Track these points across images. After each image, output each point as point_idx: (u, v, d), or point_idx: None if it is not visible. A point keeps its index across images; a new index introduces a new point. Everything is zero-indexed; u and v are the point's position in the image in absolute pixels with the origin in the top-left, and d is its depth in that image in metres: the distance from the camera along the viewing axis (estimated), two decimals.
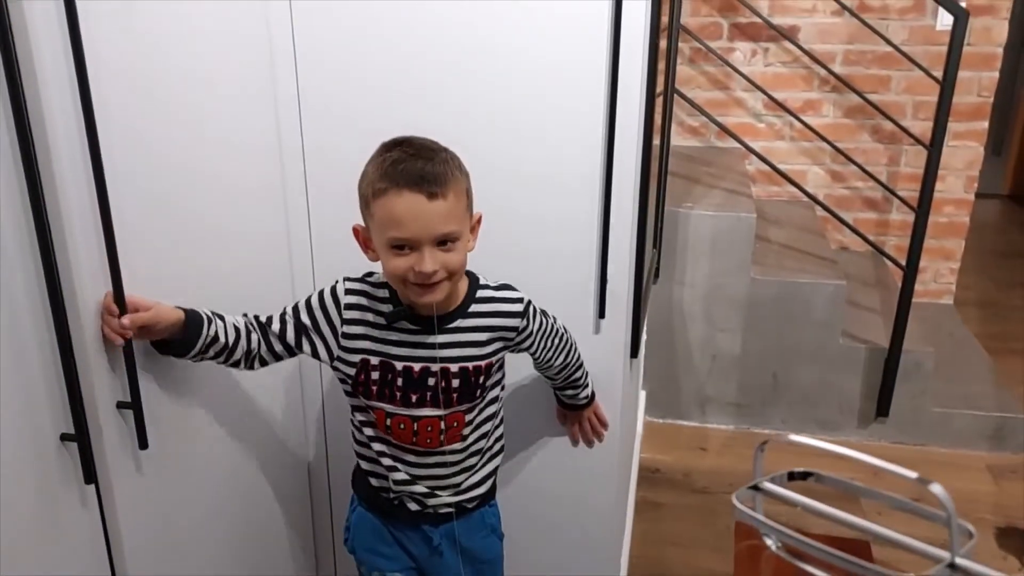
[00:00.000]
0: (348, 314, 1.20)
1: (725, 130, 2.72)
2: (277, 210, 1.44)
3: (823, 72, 3.04)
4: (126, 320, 1.00)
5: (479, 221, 1.19)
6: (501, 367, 1.30)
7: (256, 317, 1.22)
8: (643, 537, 2.22)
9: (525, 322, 1.24)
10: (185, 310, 1.10)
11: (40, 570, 0.97)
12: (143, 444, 1.08)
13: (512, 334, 1.24)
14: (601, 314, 1.45)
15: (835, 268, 2.69)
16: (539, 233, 1.42)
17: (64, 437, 0.98)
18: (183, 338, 1.10)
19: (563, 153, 1.37)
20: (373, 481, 1.32)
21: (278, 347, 1.22)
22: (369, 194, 1.10)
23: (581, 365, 1.42)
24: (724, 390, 2.79)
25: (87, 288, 0.99)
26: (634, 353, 1.65)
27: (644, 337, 1.56)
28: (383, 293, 1.20)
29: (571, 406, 1.48)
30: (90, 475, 1.00)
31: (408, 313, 1.18)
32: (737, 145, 3.11)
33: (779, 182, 3.21)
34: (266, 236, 1.41)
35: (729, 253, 2.62)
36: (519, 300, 1.24)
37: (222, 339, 1.14)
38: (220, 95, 1.24)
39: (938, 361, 2.66)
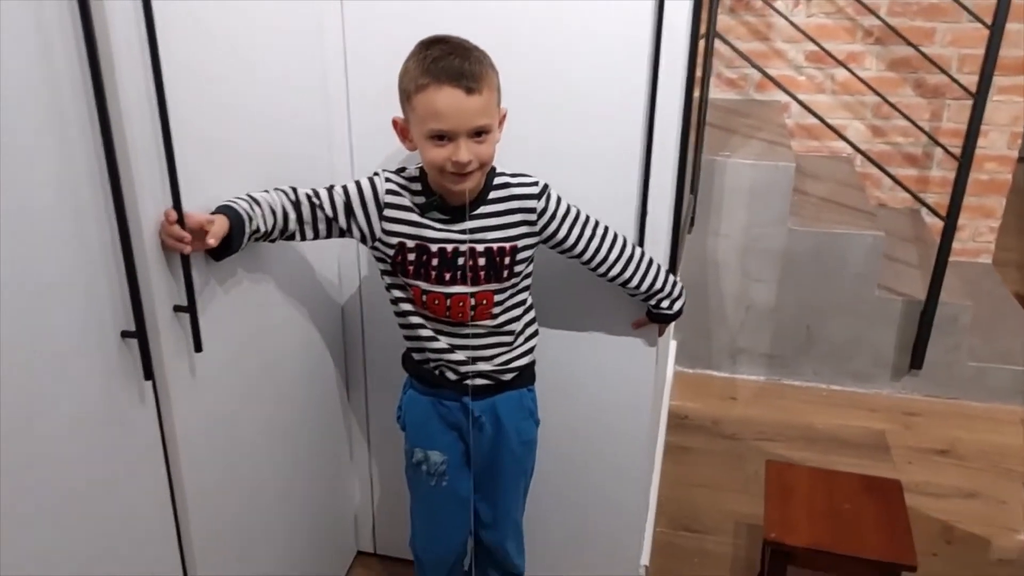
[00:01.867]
0: (388, 199, 1.30)
1: (769, 78, 2.69)
2: (318, 105, 1.47)
3: (866, 24, 2.99)
4: (193, 223, 1.07)
5: (504, 116, 1.28)
6: (528, 261, 1.37)
7: (307, 196, 1.30)
8: (673, 479, 2.25)
9: (544, 204, 1.32)
10: (228, 215, 1.15)
11: (100, 457, 1.02)
12: (198, 347, 1.12)
13: (532, 215, 1.32)
14: None
15: (873, 221, 2.67)
16: (583, 175, 1.43)
17: (124, 334, 1.03)
18: (231, 242, 1.16)
19: (607, 94, 1.38)
20: (416, 356, 1.43)
21: (322, 227, 1.32)
22: (412, 89, 1.19)
23: (656, 272, 1.43)
24: (757, 341, 2.79)
25: (147, 194, 1.02)
26: None
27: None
28: (416, 187, 1.31)
29: (656, 316, 1.50)
30: (148, 372, 1.05)
31: (439, 203, 1.28)
32: (776, 98, 3.08)
33: (818, 136, 3.18)
34: (308, 129, 1.45)
35: (766, 203, 2.61)
36: (535, 184, 1.32)
37: (263, 229, 1.24)
38: None
39: (974, 316, 2.64)
